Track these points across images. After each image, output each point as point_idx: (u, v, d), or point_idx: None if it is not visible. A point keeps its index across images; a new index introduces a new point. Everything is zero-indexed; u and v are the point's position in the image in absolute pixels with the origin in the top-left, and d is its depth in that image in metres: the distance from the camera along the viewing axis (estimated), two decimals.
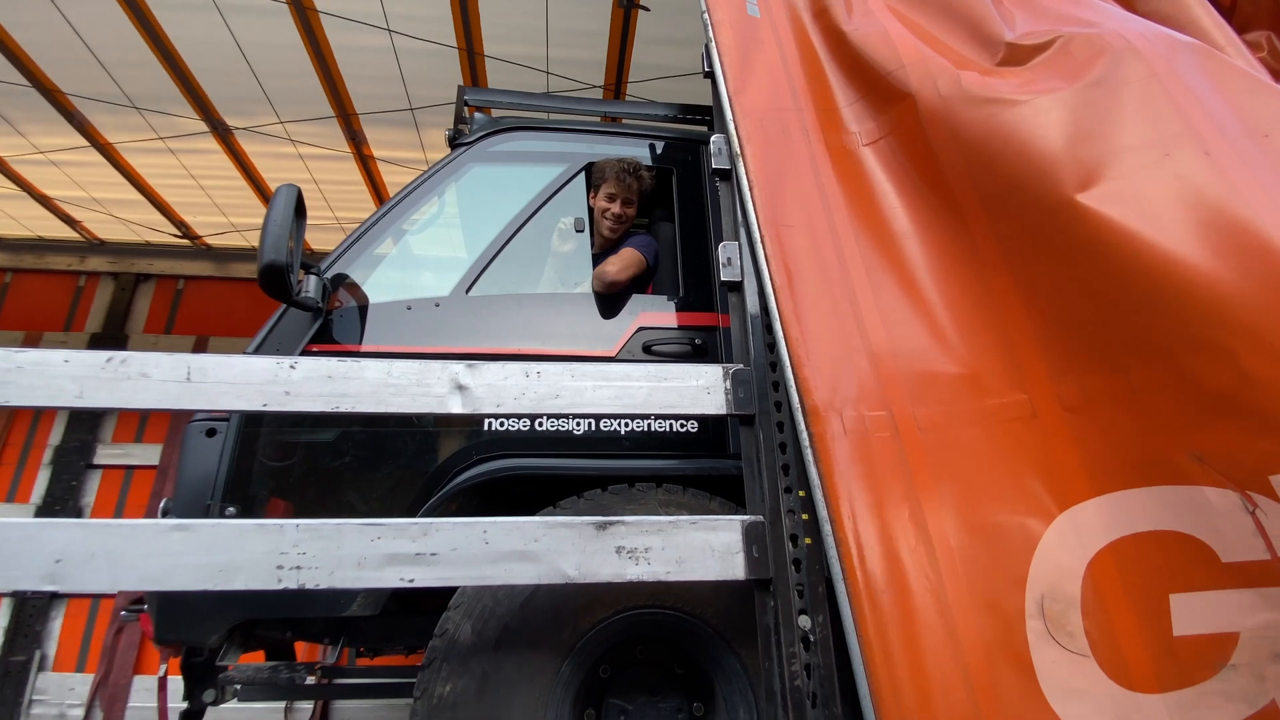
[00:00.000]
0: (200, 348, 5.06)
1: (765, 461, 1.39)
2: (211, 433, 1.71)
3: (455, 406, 1.38)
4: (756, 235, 1.53)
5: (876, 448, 1.36)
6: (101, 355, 1.31)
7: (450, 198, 2.19)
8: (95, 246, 5.28)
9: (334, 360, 1.37)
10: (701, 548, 1.30)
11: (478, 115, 2.34)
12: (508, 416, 1.74)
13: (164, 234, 4.99)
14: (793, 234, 1.60)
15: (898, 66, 1.76)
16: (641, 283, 2.10)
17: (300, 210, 1.75)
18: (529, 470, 1.62)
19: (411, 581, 1.20)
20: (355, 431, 1.76)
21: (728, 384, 1.47)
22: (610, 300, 1.97)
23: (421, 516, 1.60)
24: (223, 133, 3.59)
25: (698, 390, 1.46)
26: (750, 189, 1.59)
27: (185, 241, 5.15)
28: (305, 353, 1.79)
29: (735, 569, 1.30)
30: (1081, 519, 1.21)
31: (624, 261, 1.95)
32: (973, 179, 1.52)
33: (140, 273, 5.23)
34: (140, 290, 5.25)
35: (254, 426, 1.74)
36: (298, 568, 1.19)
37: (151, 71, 3.18)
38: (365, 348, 1.83)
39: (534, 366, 1.43)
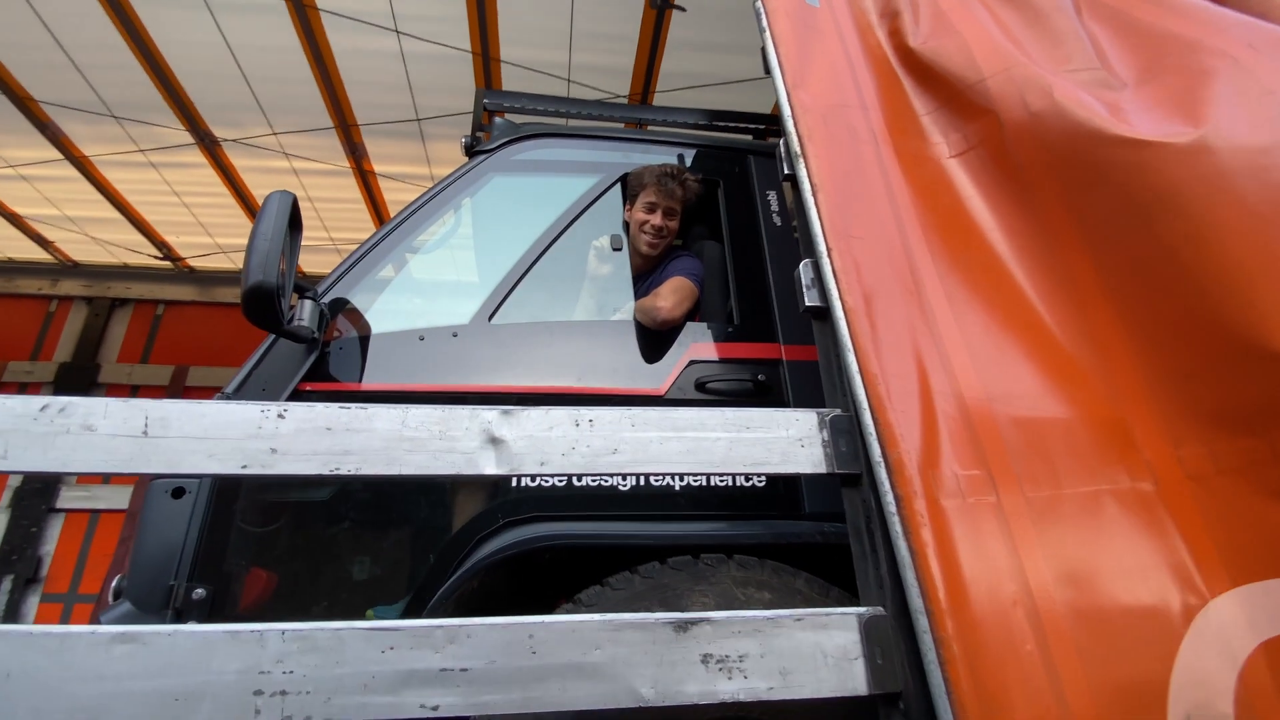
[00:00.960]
0: (179, 378, 4.76)
1: (881, 534, 1.12)
2: (179, 493, 1.42)
3: (488, 466, 1.10)
4: (822, 248, 1.30)
5: (977, 516, 1.12)
6: (35, 402, 1.03)
7: (468, 212, 1.94)
8: (69, 269, 5.01)
9: (334, 408, 1.09)
10: (811, 653, 1.02)
11: (498, 121, 2.11)
12: (553, 476, 1.46)
13: (143, 255, 4.73)
14: (864, 247, 1.38)
15: (978, 79, 1.58)
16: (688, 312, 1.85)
17: (296, 222, 1.50)
18: (572, 540, 1.34)
19: (436, 710, 0.91)
20: (355, 490, 1.48)
21: (825, 434, 1.20)
22: (657, 329, 1.71)
23: (438, 598, 1.31)
24: (209, 145, 3.36)
25: (789, 443, 1.19)
26: (814, 193, 1.36)
27: (166, 264, 4.89)
28: (298, 393, 1.51)
29: (855, 680, 1.02)
30: (1223, 615, 1.05)
31: (678, 295, 1.70)
32: (1069, 203, 1.34)
33: (117, 297, 4.96)
34: (116, 316, 4.97)
35: (233, 485, 1.45)
36: (282, 693, 0.90)
37: (132, 76, 2.96)
38: (369, 386, 1.56)
39: (585, 413, 1.16)
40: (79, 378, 4.63)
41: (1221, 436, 1.11)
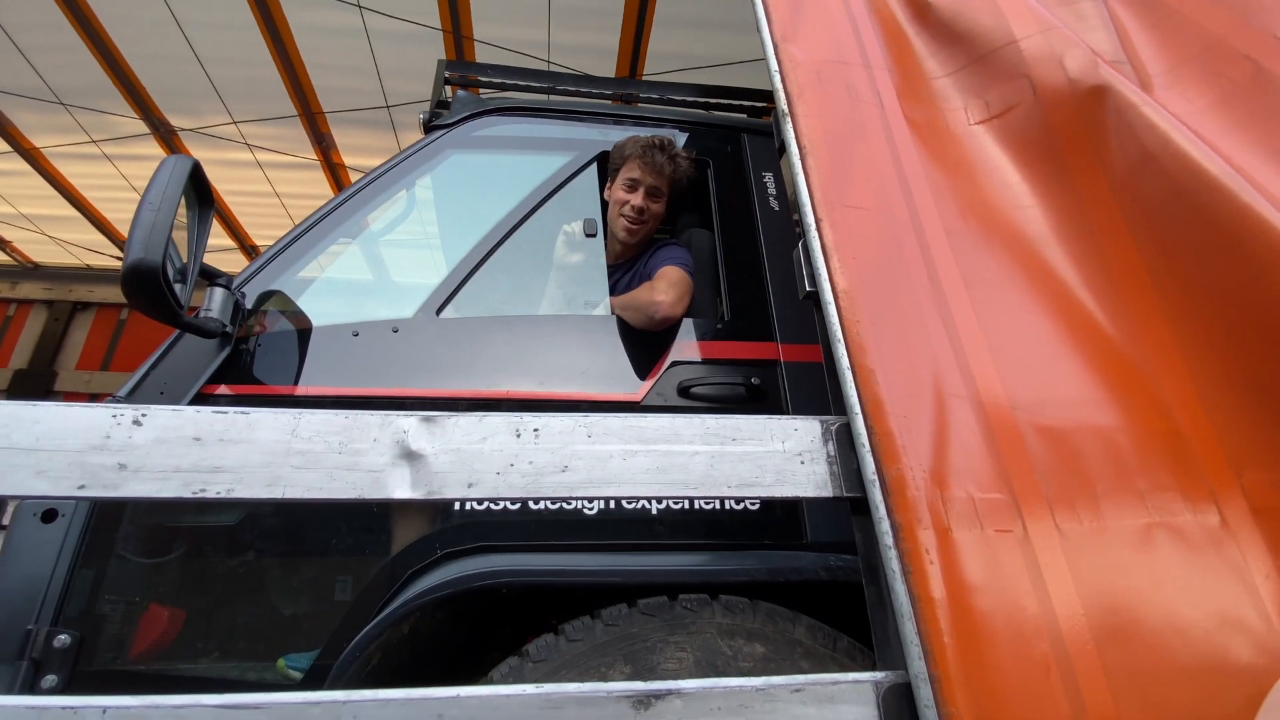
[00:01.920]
0: None
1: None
2: (50, 516, 1.20)
3: (399, 488, 0.87)
4: (810, 220, 1.09)
5: (997, 551, 0.93)
6: None
7: (422, 191, 1.73)
8: (29, 270, 4.80)
9: (208, 413, 0.87)
10: None
11: (459, 94, 1.90)
12: (485, 501, 1.23)
13: (106, 256, 4.52)
14: (863, 220, 1.17)
15: (1008, 41, 1.40)
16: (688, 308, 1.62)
17: (203, 195, 1.28)
18: (522, 578, 1.10)
19: None
20: (266, 513, 1.25)
21: (830, 448, 0.97)
22: (632, 327, 1.48)
23: (354, 646, 1.08)
24: (165, 134, 3.17)
25: (786, 458, 0.96)
26: (802, 156, 1.16)
27: None
28: (202, 398, 1.28)
29: None
30: None
31: (678, 289, 1.49)
32: (1112, 180, 1.21)
33: (79, 300, 4.73)
34: (77, 320, 4.74)
35: (117, 507, 1.22)
36: None
37: (79, 59, 2.77)
38: (290, 389, 1.33)
39: (529, 420, 0.93)
40: (34, 385, 4.41)
41: None
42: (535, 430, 0.93)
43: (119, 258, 4.66)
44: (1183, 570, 0.94)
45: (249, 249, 4.48)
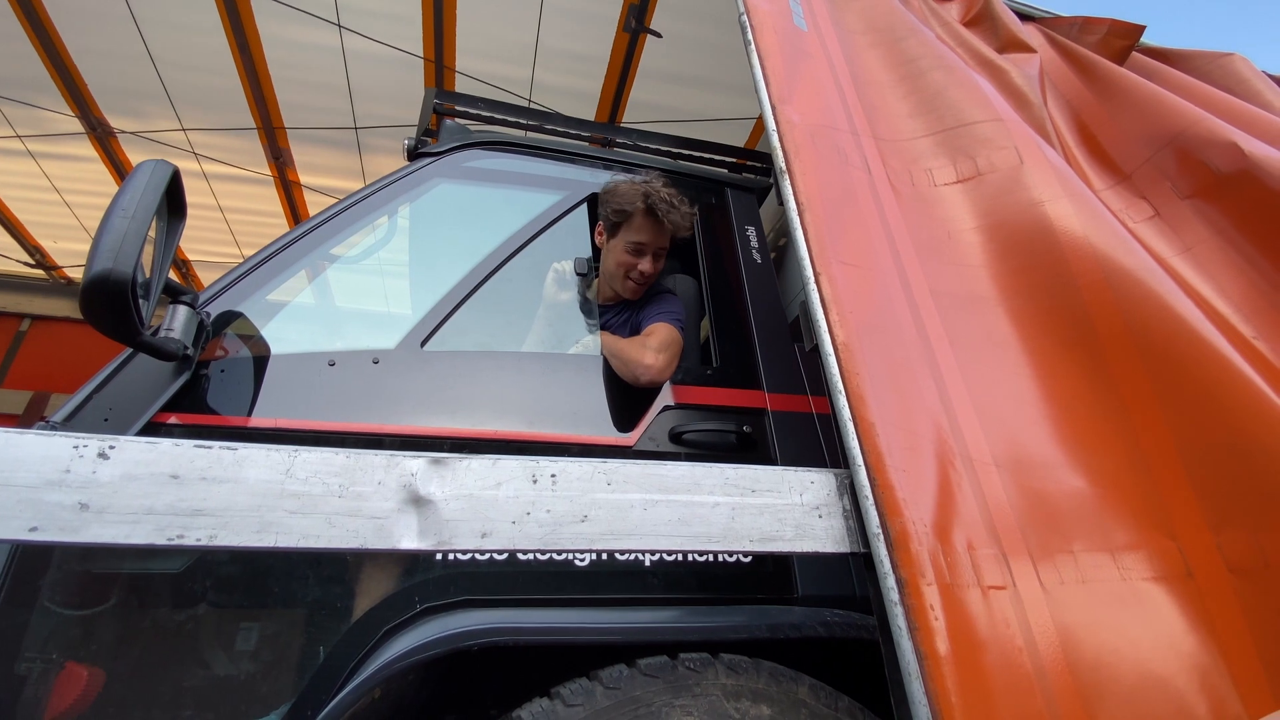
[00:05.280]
0: (37, 406, 4.09)
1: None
2: None
3: (407, 537, 0.80)
4: (809, 273, 1.13)
5: (993, 608, 0.95)
6: None
7: (405, 220, 1.66)
8: None
9: (187, 447, 0.78)
10: None
11: (448, 124, 1.87)
12: (492, 552, 1.15)
13: (12, 261, 4.11)
14: (856, 277, 1.22)
15: (993, 117, 1.53)
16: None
17: (177, 205, 1.19)
18: (512, 636, 1.02)
19: None
20: (219, 559, 1.12)
21: (845, 501, 0.97)
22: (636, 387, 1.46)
23: (335, 705, 0.97)
24: (102, 136, 2.95)
25: (805, 511, 0.96)
26: (800, 212, 1.20)
27: (39, 273, 4.25)
28: (154, 427, 1.16)
29: None
30: None
31: (669, 352, 1.47)
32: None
33: None
34: None
35: (41, 550, 1.06)
36: None
37: (15, 48, 2.55)
38: (256, 422, 1.22)
39: (545, 465, 0.89)
40: None
41: (1273, 524, 0.97)
42: (553, 476, 0.89)
43: (26, 263, 4.24)
44: (1156, 628, 0.98)
45: (180, 263, 4.18)
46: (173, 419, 1.21)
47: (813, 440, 1.51)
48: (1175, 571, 1.03)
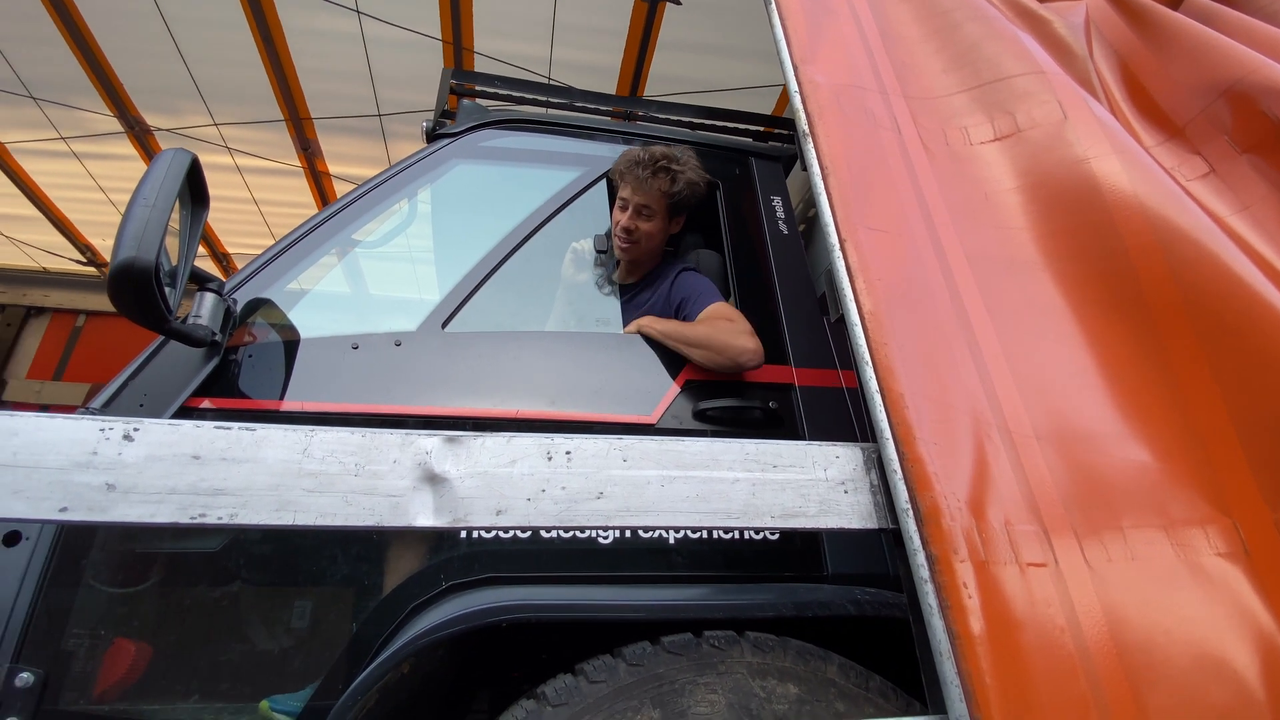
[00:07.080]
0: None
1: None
2: (12, 539, 1.08)
3: (423, 515, 0.80)
4: (834, 240, 1.07)
5: (1032, 586, 0.89)
6: None
7: (424, 202, 1.66)
8: None
9: (208, 428, 0.79)
10: None
11: (465, 103, 1.86)
12: (514, 530, 1.15)
13: (65, 259, 4.30)
14: (884, 243, 1.15)
15: (1034, 70, 1.44)
16: None
17: (199, 194, 1.21)
18: (536, 613, 1.02)
19: None
20: (253, 539, 1.15)
21: (873, 476, 0.93)
22: (642, 346, 1.43)
23: (354, 690, 0.99)
24: (140, 134, 3.04)
25: (829, 487, 0.92)
26: (824, 176, 1.14)
27: (91, 270, 4.44)
28: (187, 410, 1.19)
29: None
30: None
31: (748, 328, 1.44)
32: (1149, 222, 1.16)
33: (33, 305, 4.47)
34: (30, 326, 4.47)
35: (86, 530, 1.11)
36: None
37: (54, 52, 2.64)
38: (283, 405, 1.24)
39: (560, 442, 0.87)
40: None
41: None
42: (568, 453, 0.87)
43: (79, 261, 4.44)
44: (1211, 608, 0.92)
45: (220, 256, 4.31)
46: (205, 403, 1.24)
47: (843, 416, 1.46)
48: (1232, 549, 0.97)
